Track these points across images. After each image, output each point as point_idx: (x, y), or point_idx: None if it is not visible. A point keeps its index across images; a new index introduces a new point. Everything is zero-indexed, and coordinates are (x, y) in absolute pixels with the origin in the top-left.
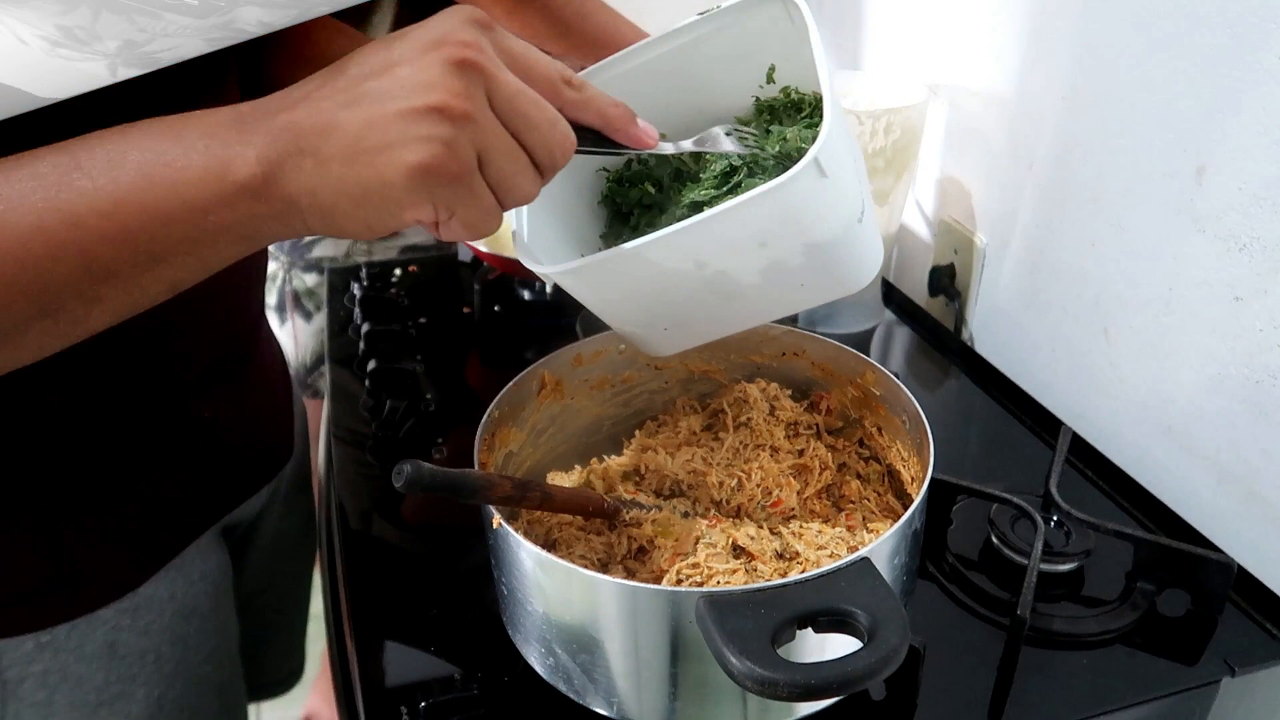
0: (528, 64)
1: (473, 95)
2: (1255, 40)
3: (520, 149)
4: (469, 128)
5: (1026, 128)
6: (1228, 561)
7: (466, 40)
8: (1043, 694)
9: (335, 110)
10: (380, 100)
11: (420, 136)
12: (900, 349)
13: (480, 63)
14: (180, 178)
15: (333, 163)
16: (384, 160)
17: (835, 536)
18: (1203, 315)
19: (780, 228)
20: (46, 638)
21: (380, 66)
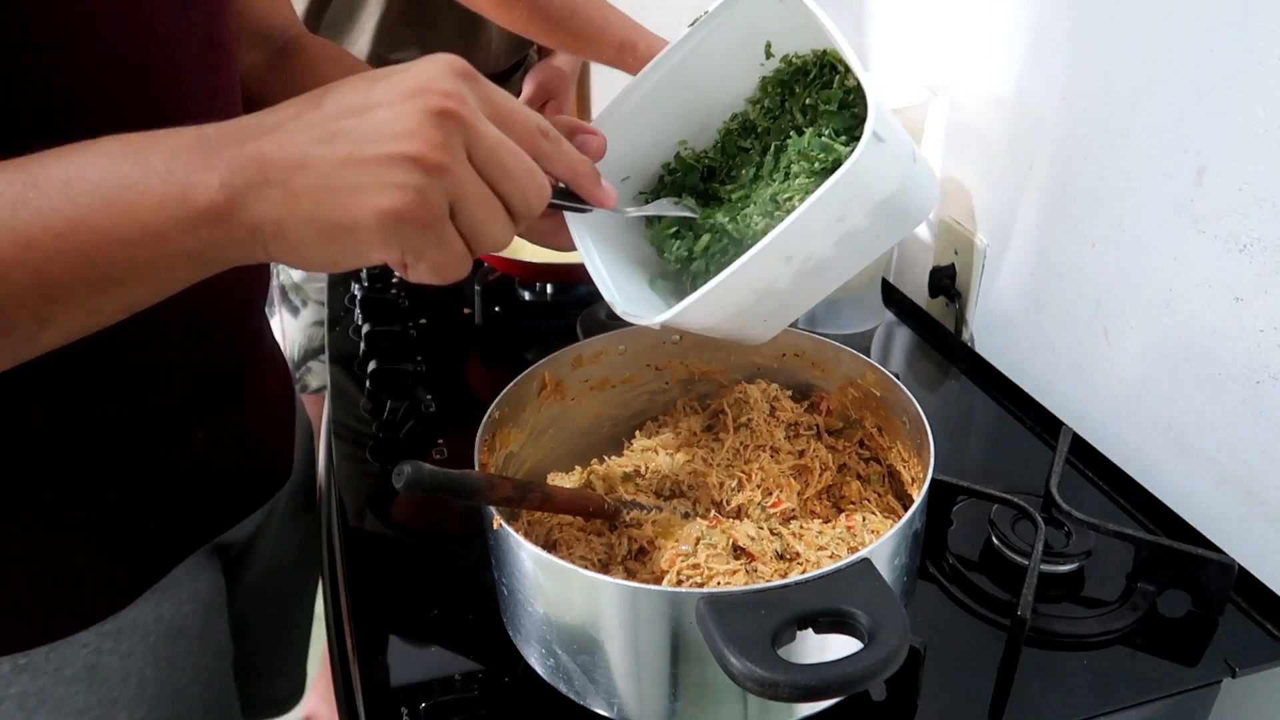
0: (508, 115)
1: (450, 146)
2: (1255, 40)
3: (495, 198)
4: (443, 179)
5: (1026, 128)
6: (1228, 562)
7: (448, 90)
8: (1043, 695)
9: (309, 145)
10: (356, 141)
11: (393, 183)
12: (900, 349)
13: (460, 113)
14: (139, 202)
15: (302, 197)
16: (355, 201)
17: (836, 537)
18: (1203, 315)
19: (853, 201)
20: (24, 659)
21: (359, 106)
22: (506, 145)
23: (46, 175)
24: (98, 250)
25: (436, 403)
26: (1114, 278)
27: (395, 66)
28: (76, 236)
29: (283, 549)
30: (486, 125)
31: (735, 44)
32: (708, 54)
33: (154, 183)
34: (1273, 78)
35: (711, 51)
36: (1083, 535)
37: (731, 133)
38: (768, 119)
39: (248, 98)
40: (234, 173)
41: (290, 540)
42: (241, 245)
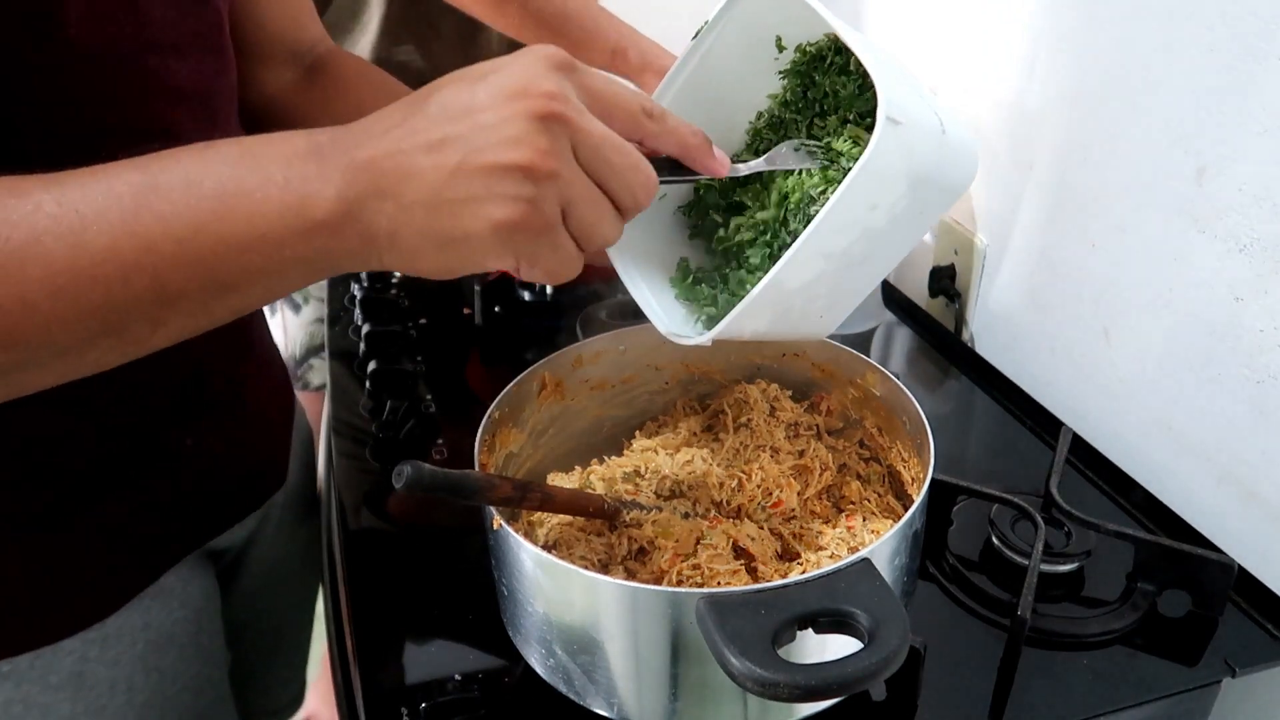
0: (609, 100)
1: (558, 152)
2: (1255, 40)
3: (603, 196)
4: (554, 184)
5: (1027, 128)
6: (1228, 562)
7: (550, 91)
8: (1043, 695)
9: (418, 154)
10: (464, 150)
11: (505, 194)
12: (900, 349)
13: (565, 114)
14: (258, 210)
15: (416, 209)
16: (468, 212)
17: (836, 537)
18: (1203, 315)
19: (882, 188)
20: (8, 667)
21: (462, 109)
22: (611, 141)
23: (167, 179)
24: (215, 255)
25: (436, 403)
26: (1114, 278)
27: (495, 62)
28: (196, 241)
29: (280, 556)
30: (591, 122)
31: (745, 45)
32: (719, 60)
33: (271, 191)
34: (1273, 78)
35: (722, 57)
36: (1083, 535)
37: (760, 131)
38: (793, 111)
39: (280, 116)
40: (348, 184)
41: (288, 547)
42: (355, 253)
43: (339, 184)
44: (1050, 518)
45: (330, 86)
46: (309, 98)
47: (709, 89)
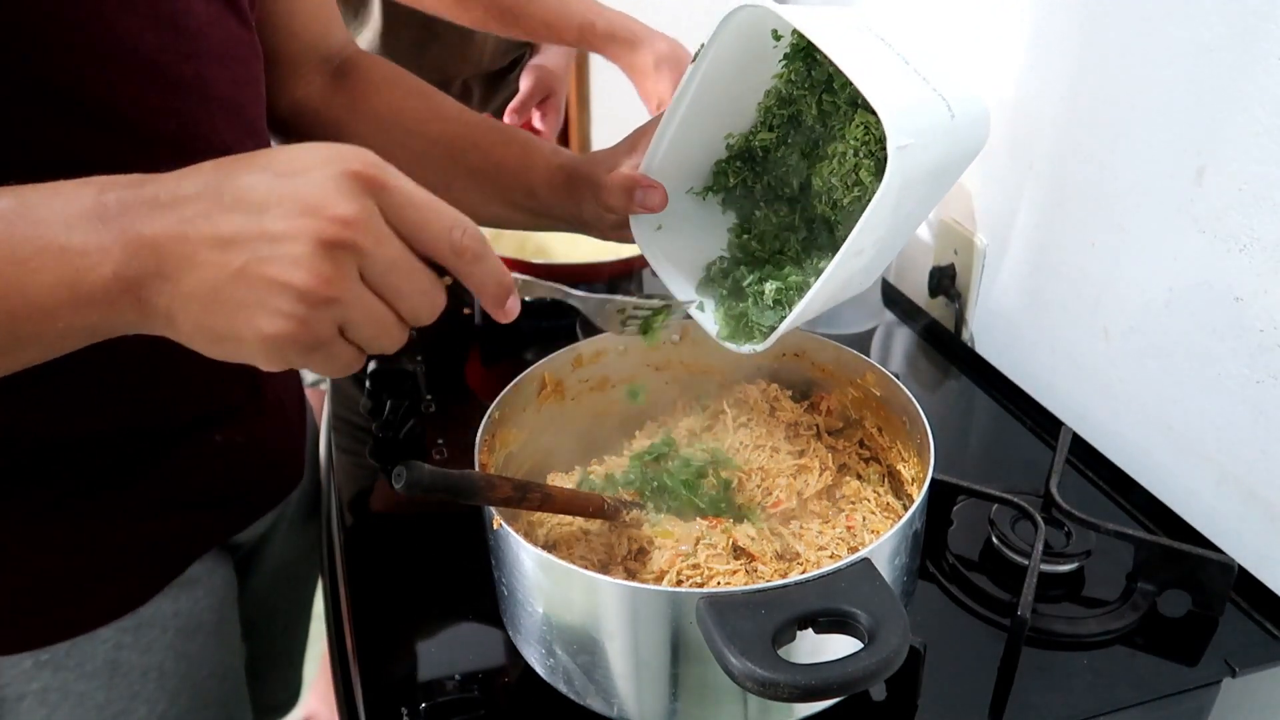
0: (418, 224)
1: (338, 278)
2: (1255, 40)
3: (387, 311)
4: (329, 309)
5: (1026, 128)
6: (1228, 562)
7: (344, 216)
8: (1043, 695)
9: (203, 246)
10: (247, 256)
11: (277, 310)
12: (900, 349)
13: (354, 241)
14: (31, 280)
15: (192, 301)
16: (241, 318)
17: (836, 537)
18: (1203, 315)
19: (902, 195)
20: (45, 656)
21: (257, 206)
22: (400, 267)
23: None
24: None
25: (436, 403)
26: (1114, 278)
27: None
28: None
29: (289, 552)
30: (383, 247)
31: (744, 47)
32: (720, 70)
33: (46, 261)
34: (1273, 78)
35: (724, 64)
36: (1083, 535)
37: (770, 108)
38: (800, 88)
39: (310, 121)
40: (128, 260)
41: (297, 544)
42: (134, 325)
43: (118, 258)
44: (1050, 518)
45: (358, 90)
46: (337, 102)
47: (715, 98)
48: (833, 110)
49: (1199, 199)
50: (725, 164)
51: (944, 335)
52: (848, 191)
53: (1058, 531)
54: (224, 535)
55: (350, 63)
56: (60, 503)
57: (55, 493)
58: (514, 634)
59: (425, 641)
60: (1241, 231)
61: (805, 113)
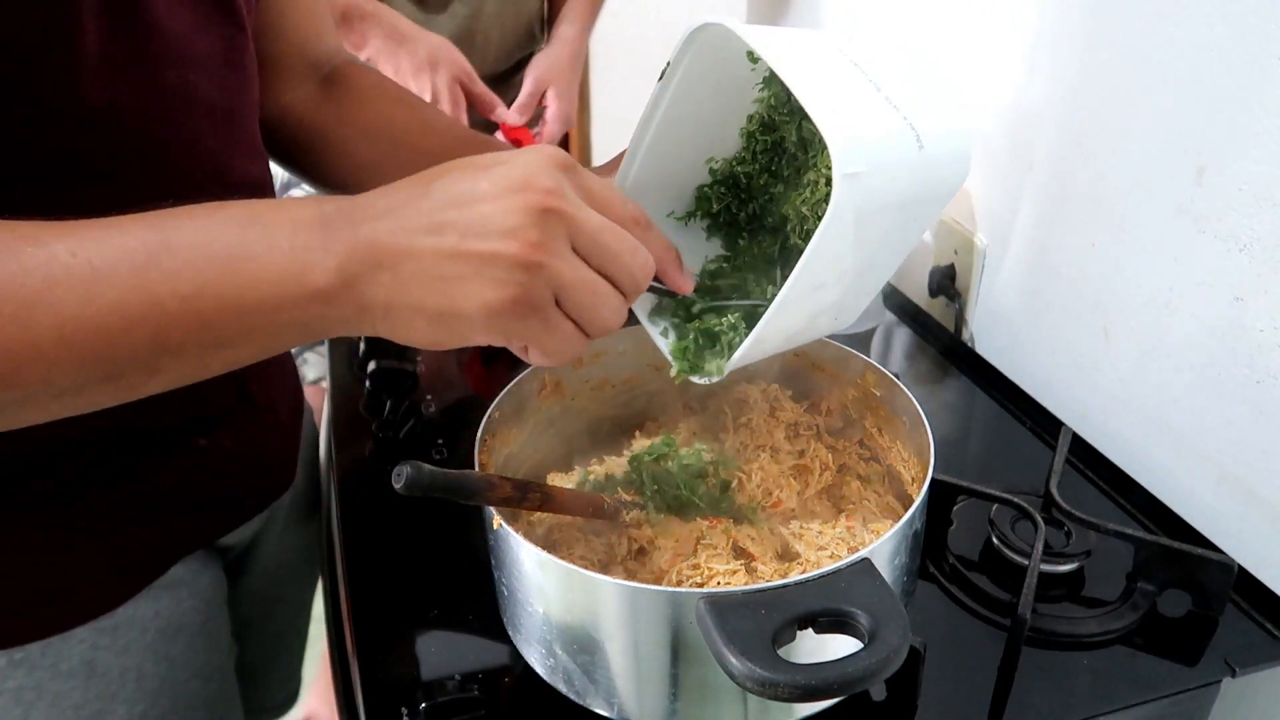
0: (605, 202)
1: (549, 244)
2: (1255, 40)
3: (601, 280)
4: (544, 273)
5: (1026, 128)
6: (1228, 562)
7: (549, 187)
8: (1043, 695)
9: (418, 234)
10: (462, 234)
11: (495, 278)
12: (900, 349)
13: (561, 208)
14: (261, 275)
15: (411, 283)
16: (459, 292)
17: (836, 537)
18: (1203, 315)
19: (861, 227)
20: (20, 655)
21: (465, 197)
22: (609, 228)
23: (179, 238)
24: (216, 315)
25: (436, 402)
26: (1114, 278)
27: (501, 155)
28: (199, 300)
29: (284, 554)
30: (587, 213)
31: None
32: (694, 88)
33: (276, 258)
34: (1272, 78)
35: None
36: (1083, 535)
37: (753, 134)
38: (782, 114)
39: (296, 128)
40: (349, 257)
41: (292, 546)
42: (350, 321)
43: (341, 256)
44: (1050, 518)
45: (346, 99)
46: (325, 110)
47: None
48: (811, 138)
49: (1199, 199)
50: (709, 189)
51: (944, 335)
52: (816, 221)
53: (1058, 531)
54: (208, 539)
55: (340, 71)
56: (38, 505)
57: (33, 495)
58: (514, 634)
59: (425, 641)
60: (1241, 231)
61: (787, 138)
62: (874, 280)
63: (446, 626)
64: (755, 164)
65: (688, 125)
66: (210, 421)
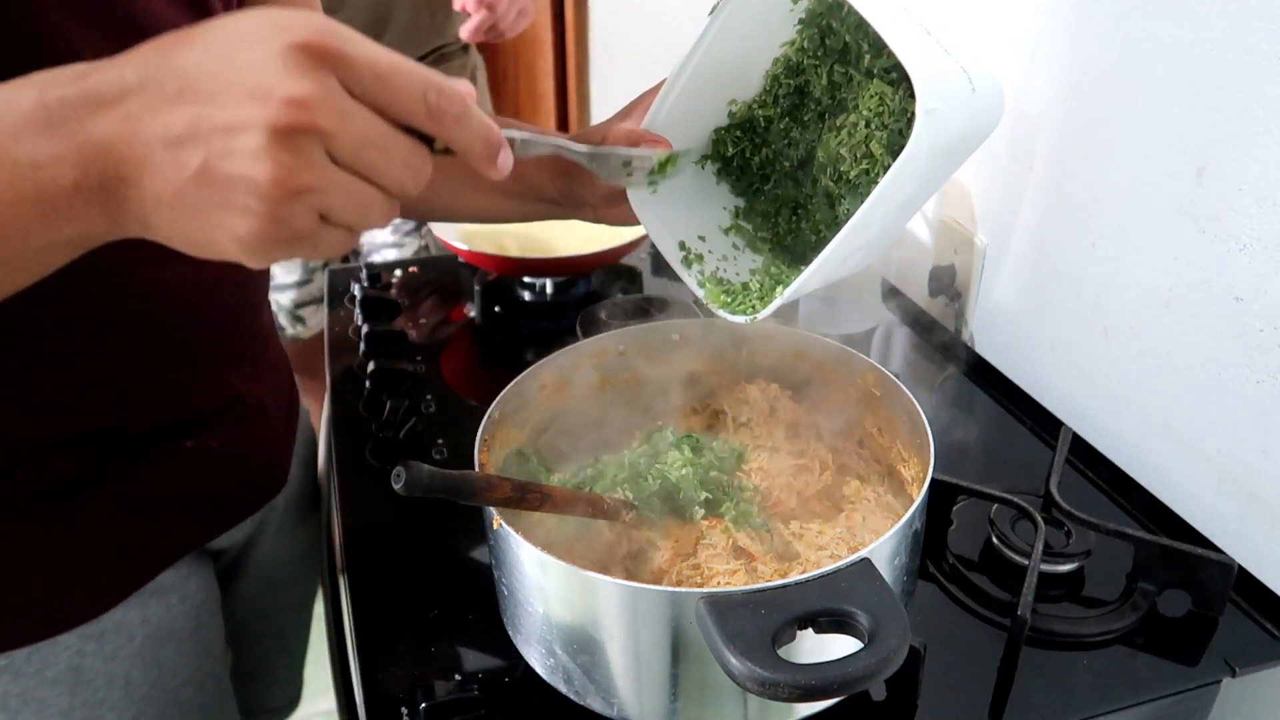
0: (387, 90)
1: (302, 167)
2: (1255, 40)
3: (369, 188)
4: (301, 200)
5: (1026, 128)
6: (1228, 562)
7: (296, 97)
8: (1043, 694)
9: (156, 147)
10: (202, 150)
11: (246, 208)
12: (900, 349)
13: (312, 124)
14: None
15: (160, 206)
16: (212, 222)
17: (835, 537)
18: (1203, 315)
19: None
20: (5, 661)
21: (204, 90)
22: (373, 142)
23: None
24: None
25: (436, 403)
26: (1114, 278)
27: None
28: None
29: (280, 557)
30: (346, 123)
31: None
32: (735, 28)
33: (4, 178)
34: (1273, 78)
35: (739, 21)
36: (1083, 535)
37: (777, 77)
38: (811, 57)
39: None
40: (85, 169)
41: (289, 548)
42: (111, 233)
43: (74, 168)
44: (1050, 518)
45: None
46: None
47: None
48: (844, 82)
49: (1199, 199)
50: (724, 131)
51: (944, 335)
52: (856, 164)
53: (1058, 531)
54: (197, 542)
55: None
56: (21, 507)
57: (15, 497)
58: (514, 634)
59: (425, 641)
60: (1241, 231)
61: (814, 83)
62: (903, 219)
63: (446, 626)
64: (776, 108)
65: (721, 66)
66: (196, 422)
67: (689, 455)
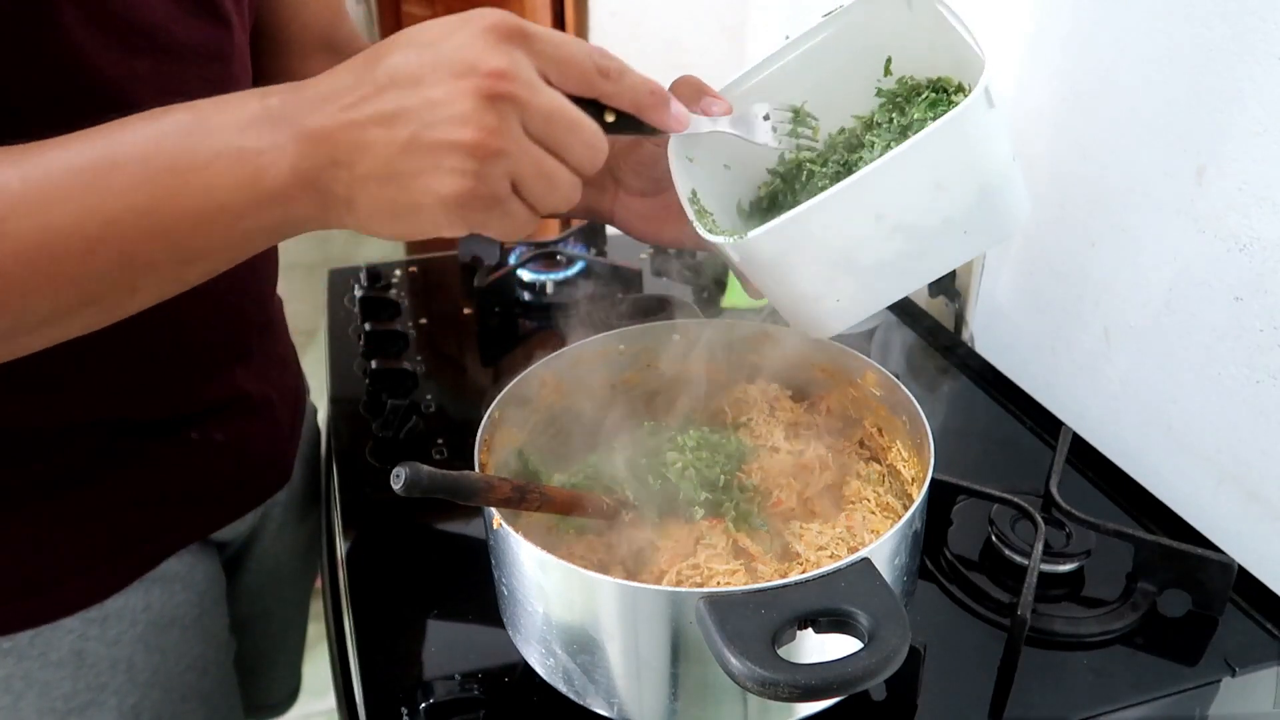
0: (563, 60)
1: (504, 131)
2: (1255, 40)
3: (557, 163)
4: (501, 161)
5: (1026, 128)
6: (1228, 561)
7: (498, 69)
8: (1043, 694)
9: (370, 126)
10: (414, 125)
11: (453, 169)
12: (900, 349)
13: (513, 93)
14: (215, 183)
15: (369, 180)
16: (418, 186)
17: (835, 537)
18: (1203, 315)
19: (955, 165)
20: (8, 644)
21: (411, 79)
22: (561, 115)
23: (125, 152)
24: (177, 229)
25: (436, 403)
26: (1114, 278)
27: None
28: (157, 215)
29: (282, 553)
30: (540, 96)
31: (858, 48)
32: (832, 53)
33: (226, 164)
34: (1272, 78)
35: (836, 51)
36: (1083, 535)
37: (837, 145)
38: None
39: None
40: (302, 155)
41: (290, 544)
42: (315, 219)
43: (293, 155)
44: (1050, 517)
45: None
46: None
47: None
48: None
49: (1199, 199)
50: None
51: (944, 335)
52: None
53: (1058, 531)
54: (200, 532)
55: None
56: (25, 494)
57: (20, 484)
58: (514, 634)
59: (425, 641)
60: (1241, 231)
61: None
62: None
63: (446, 626)
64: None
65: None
66: (202, 415)
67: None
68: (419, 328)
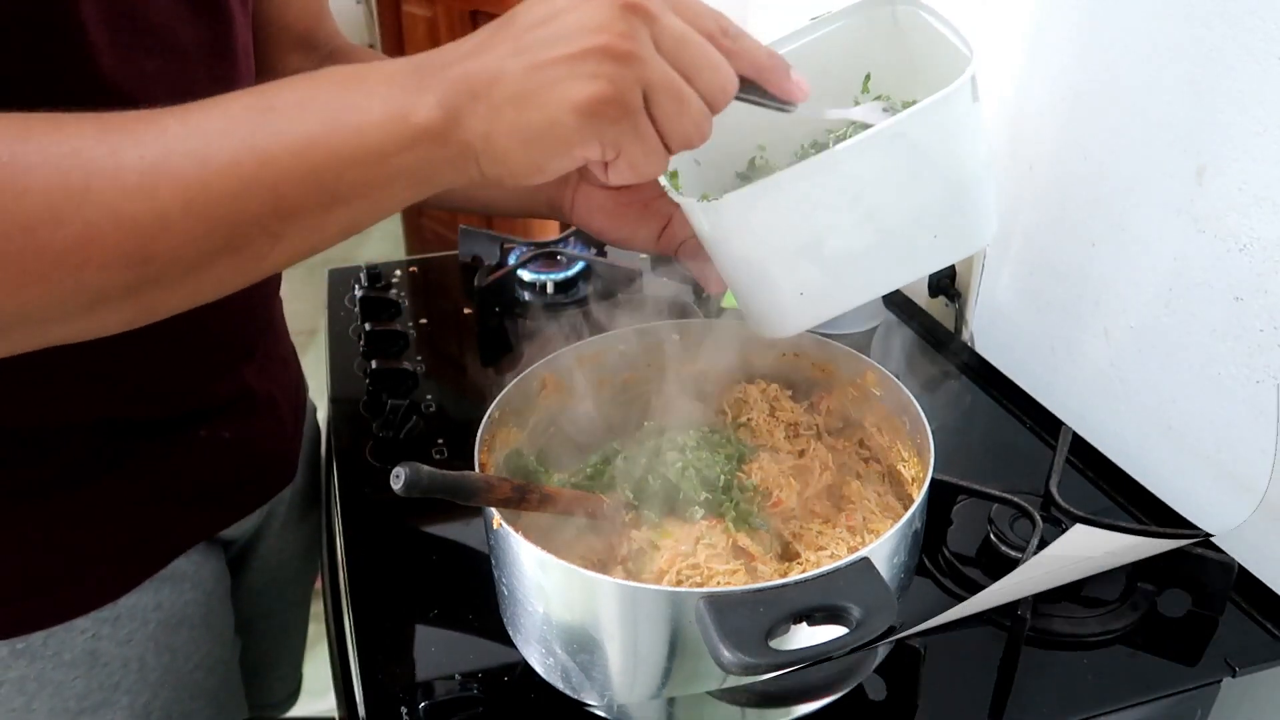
0: (690, 12)
1: (638, 36)
2: (1255, 40)
3: (686, 87)
4: (634, 65)
5: (1026, 128)
6: (1228, 561)
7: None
8: (1043, 694)
9: (504, 58)
10: (547, 46)
11: (586, 74)
12: (900, 349)
13: (645, 6)
14: (365, 120)
15: (505, 107)
16: (552, 99)
17: (835, 537)
18: (1203, 315)
19: (932, 154)
20: (22, 644)
21: (546, 16)
22: (691, 37)
23: (282, 99)
24: (327, 168)
25: (436, 403)
26: (1114, 278)
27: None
28: (310, 154)
29: (285, 552)
30: (671, 17)
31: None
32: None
33: (377, 103)
34: (1272, 78)
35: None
36: None
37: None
38: None
39: None
40: (446, 94)
41: (292, 544)
42: (455, 161)
43: (438, 93)
44: (1050, 517)
45: None
46: None
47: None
48: None
49: (1199, 199)
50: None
51: (944, 335)
52: None
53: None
54: (207, 531)
55: (339, 51)
56: (37, 494)
57: (31, 484)
58: (514, 633)
59: (425, 641)
60: (1241, 231)
61: None
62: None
63: (446, 626)
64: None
65: None
66: (209, 413)
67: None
68: (419, 328)
